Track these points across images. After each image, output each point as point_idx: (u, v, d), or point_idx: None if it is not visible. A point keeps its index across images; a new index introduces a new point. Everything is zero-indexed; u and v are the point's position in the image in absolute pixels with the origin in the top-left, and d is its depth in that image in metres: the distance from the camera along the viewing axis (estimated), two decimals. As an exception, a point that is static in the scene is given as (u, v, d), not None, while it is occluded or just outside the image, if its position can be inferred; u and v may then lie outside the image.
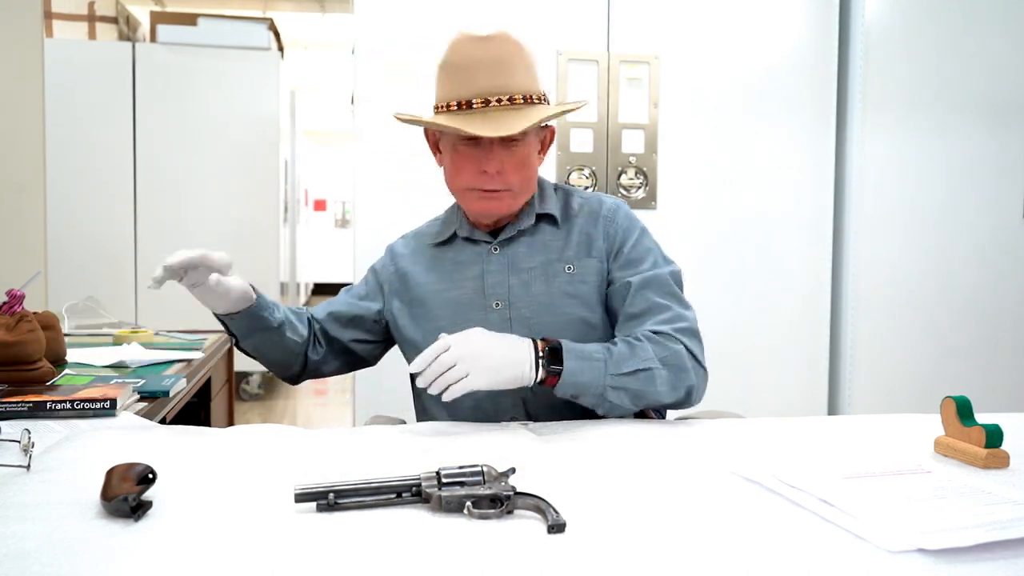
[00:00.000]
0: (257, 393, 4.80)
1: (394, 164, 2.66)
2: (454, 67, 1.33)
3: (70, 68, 4.19)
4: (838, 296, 2.96)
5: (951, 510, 0.84)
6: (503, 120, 1.29)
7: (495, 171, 1.33)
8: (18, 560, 0.72)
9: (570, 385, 1.24)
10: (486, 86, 1.30)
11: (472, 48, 1.32)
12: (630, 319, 1.36)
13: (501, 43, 1.32)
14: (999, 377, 2.99)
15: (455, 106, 1.32)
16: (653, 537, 0.80)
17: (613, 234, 1.42)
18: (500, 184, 1.35)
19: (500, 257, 1.42)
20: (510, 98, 1.31)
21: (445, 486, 0.87)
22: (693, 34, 2.80)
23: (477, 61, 1.31)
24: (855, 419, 1.41)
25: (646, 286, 1.37)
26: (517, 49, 1.33)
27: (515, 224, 1.43)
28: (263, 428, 1.22)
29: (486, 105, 1.30)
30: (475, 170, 1.35)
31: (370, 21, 2.64)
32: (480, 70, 1.31)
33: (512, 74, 1.32)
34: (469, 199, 1.39)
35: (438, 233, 1.50)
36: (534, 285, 1.40)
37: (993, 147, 2.95)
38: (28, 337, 1.54)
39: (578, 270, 1.40)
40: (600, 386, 1.24)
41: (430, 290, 1.45)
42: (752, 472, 0.99)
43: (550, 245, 1.42)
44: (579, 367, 1.24)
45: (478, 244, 1.45)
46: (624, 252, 1.41)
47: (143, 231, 4.39)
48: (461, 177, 1.37)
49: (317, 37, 7.62)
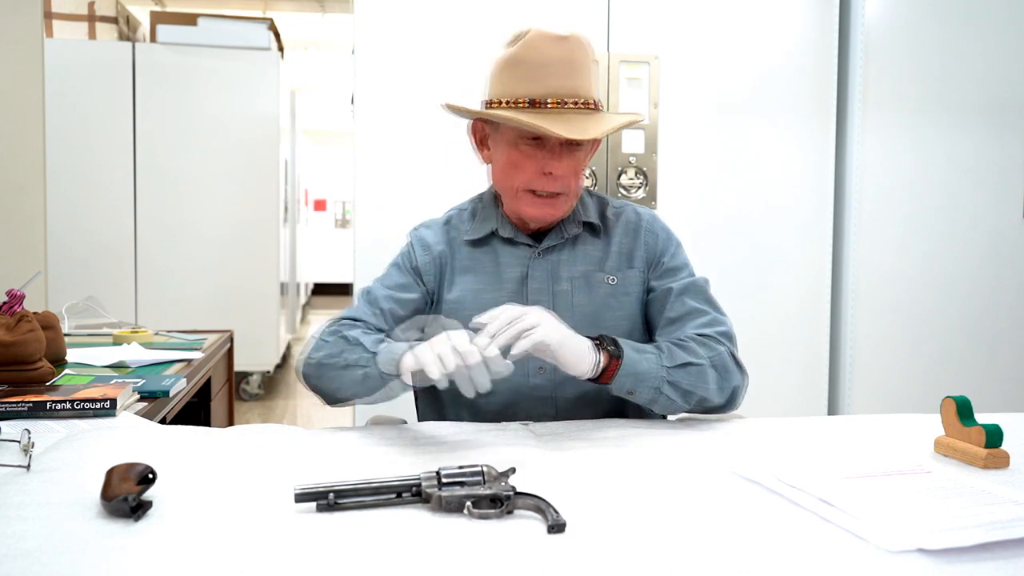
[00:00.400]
0: (257, 393, 4.80)
1: (394, 164, 2.66)
2: (528, 63, 1.28)
3: (70, 68, 4.20)
4: (838, 296, 2.96)
5: (951, 510, 0.84)
6: (581, 123, 1.26)
7: (561, 173, 1.30)
8: (18, 560, 0.72)
9: (630, 375, 1.21)
10: (560, 87, 1.27)
11: (549, 46, 1.28)
12: (670, 323, 1.36)
13: (576, 45, 1.30)
14: (999, 377, 2.99)
15: (525, 103, 1.28)
16: (653, 537, 0.80)
17: (653, 245, 1.42)
18: (560, 187, 1.32)
19: (543, 263, 1.39)
20: (584, 102, 1.29)
21: (445, 486, 0.87)
22: (693, 34, 2.80)
23: (554, 60, 1.27)
24: (855, 419, 1.41)
25: (685, 292, 1.37)
26: (589, 53, 1.32)
27: (560, 231, 1.40)
28: (263, 428, 1.22)
29: (561, 106, 1.27)
30: (536, 170, 1.31)
31: (370, 21, 2.64)
32: (556, 69, 1.27)
33: (584, 77, 1.30)
34: (523, 201, 1.35)
35: (473, 229, 1.43)
36: (576, 295, 1.38)
37: (993, 147, 2.95)
38: (28, 337, 1.54)
39: (620, 281, 1.40)
40: (657, 378, 1.23)
41: (468, 289, 1.40)
42: (752, 472, 0.99)
43: (591, 255, 1.41)
44: (638, 357, 1.22)
45: (518, 247, 1.41)
46: (664, 263, 1.41)
47: (143, 231, 4.39)
48: (519, 176, 1.33)
49: (317, 37, 7.62)
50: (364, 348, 1.23)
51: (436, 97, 2.65)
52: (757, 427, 1.30)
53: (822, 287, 2.93)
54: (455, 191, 1.79)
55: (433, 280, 1.42)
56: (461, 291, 1.40)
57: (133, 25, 5.24)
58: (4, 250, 2.35)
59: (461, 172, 2.62)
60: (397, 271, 1.43)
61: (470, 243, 1.42)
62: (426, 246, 1.44)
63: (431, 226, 1.48)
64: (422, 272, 1.42)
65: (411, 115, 2.66)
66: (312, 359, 1.30)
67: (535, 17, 2.68)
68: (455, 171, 2.60)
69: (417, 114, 2.65)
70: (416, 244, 1.45)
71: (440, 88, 2.64)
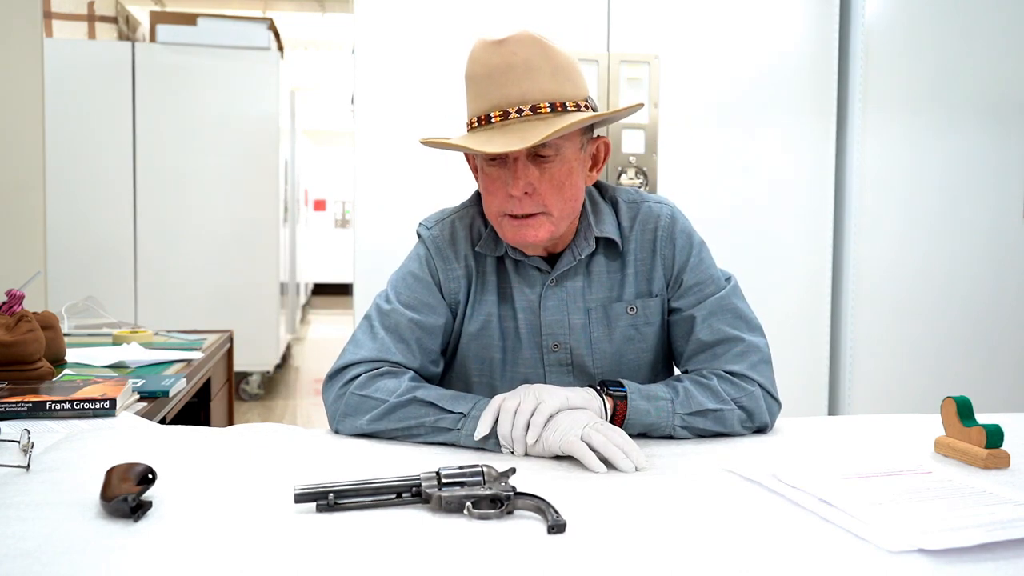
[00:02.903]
0: (257, 393, 4.80)
1: (394, 164, 2.66)
2: (473, 78, 1.17)
3: (70, 68, 4.20)
4: (838, 296, 2.96)
5: (951, 510, 0.84)
6: (523, 132, 1.12)
7: (520, 192, 1.16)
8: (18, 560, 0.72)
9: (638, 425, 1.16)
10: (503, 96, 1.14)
11: (488, 55, 1.15)
12: (699, 351, 1.27)
13: (518, 45, 1.14)
14: (999, 377, 2.99)
15: (475, 122, 1.17)
16: (653, 537, 0.80)
17: (670, 259, 1.29)
18: (532, 207, 1.17)
19: (557, 291, 1.27)
20: (532, 107, 1.14)
21: (445, 486, 0.87)
22: (693, 34, 2.80)
23: (493, 69, 1.14)
24: (855, 419, 1.41)
25: (711, 315, 1.26)
26: (540, 50, 1.14)
27: (573, 252, 1.27)
28: (263, 428, 1.22)
29: (505, 118, 1.14)
30: (503, 195, 1.18)
31: (370, 21, 2.64)
32: (497, 78, 1.14)
33: (534, 79, 1.14)
34: (503, 227, 1.21)
35: (486, 244, 1.29)
36: (595, 329, 1.28)
37: (993, 147, 2.95)
38: (28, 337, 1.54)
39: (641, 311, 1.28)
40: (668, 426, 1.17)
41: (491, 315, 1.28)
42: (752, 472, 0.99)
43: (608, 279, 1.29)
44: (646, 406, 1.16)
45: (530, 270, 1.28)
46: (683, 280, 1.28)
47: (143, 231, 4.39)
48: (492, 202, 1.21)
49: (317, 37, 7.62)
50: (442, 410, 1.14)
51: (436, 97, 2.66)
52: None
53: (822, 287, 2.93)
54: (455, 191, 1.79)
55: (460, 299, 1.29)
56: (482, 321, 1.29)
57: (133, 25, 5.24)
58: (4, 250, 2.35)
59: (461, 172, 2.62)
60: (421, 285, 1.28)
61: (486, 257, 1.30)
62: (448, 258, 1.29)
63: (452, 227, 1.31)
64: (447, 291, 1.28)
65: (411, 115, 2.66)
66: (359, 423, 1.18)
67: (535, 17, 2.69)
68: (455, 171, 2.59)
69: (417, 114, 2.65)
70: (436, 255, 1.29)
71: (440, 88, 2.64)
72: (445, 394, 1.16)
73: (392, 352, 1.23)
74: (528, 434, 1.07)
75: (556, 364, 1.28)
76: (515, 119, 1.14)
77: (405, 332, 1.24)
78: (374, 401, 1.17)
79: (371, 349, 1.23)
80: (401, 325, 1.25)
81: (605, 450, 1.03)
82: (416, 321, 1.25)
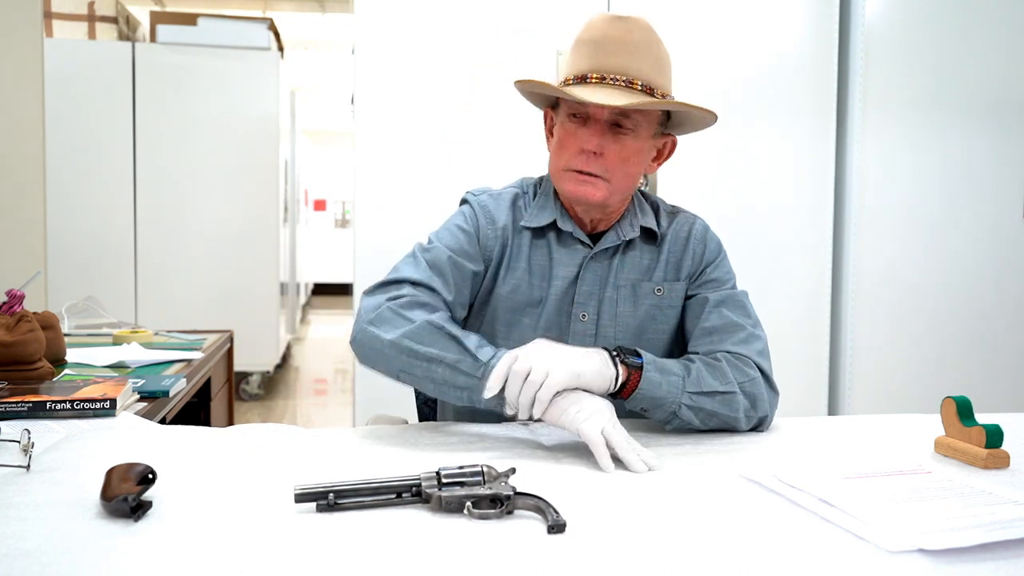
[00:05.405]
0: (257, 393, 4.80)
1: (394, 164, 2.66)
2: (583, 42, 1.27)
3: (70, 68, 4.20)
4: (838, 296, 2.96)
5: (951, 510, 0.84)
6: (611, 96, 1.21)
7: (593, 148, 1.25)
8: (18, 560, 0.72)
9: (647, 398, 1.18)
10: (607, 63, 1.24)
11: (607, 25, 1.26)
12: (705, 334, 1.32)
13: (636, 26, 1.26)
14: (999, 377, 2.99)
15: (571, 80, 1.27)
16: (653, 537, 0.80)
17: (700, 254, 1.38)
18: (597, 168, 1.26)
19: (596, 266, 1.35)
20: (629, 81, 1.23)
21: (445, 486, 0.87)
22: (693, 33, 2.80)
23: (606, 38, 1.25)
24: (855, 419, 1.41)
25: (722, 303, 1.33)
26: (650, 38, 1.27)
27: (617, 232, 1.35)
28: (263, 428, 1.22)
29: (601, 80, 1.24)
30: (576, 148, 1.27)
31: (370, 21, 2.64)
32: (607, 46, 1.24)
33: (639, 59, 1.24)
34: (564, 180, 1.30)
35: (533, 216, 1.36)
36: (622, 303, 1.35)
37: (993, 147, 2.95)
38: (28, 337, 1.54)
39: (666, 293, 1.36)
40: (675, 402, 1.19)
41: (522, 281, 1.34)
42: (752, 472, 0.99)
43: (641, 262, 1.37)
44: (659, 379, 1.18)
45: (573, 245, 1.35)
46: (707, 272, 1.38)
47: (143, 231, 4.40)
48: (561, 155, 1.29)
49: (317, 37, 7.62)
50: (464, 349, 1.15)
51: (436, 97, 2.66)
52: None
53: (822, 287, 2.93)
54: (455, 191, 1.79)
55: (493, 258, 1.35)
56: (514, 284, 1.34)
57: (133, 25, 5.24)
58: (4, 250, 2.35)
59: (461, 172, 2.63)
60: (463, 234, 1.34)
61: (529, 230, 1.36)
62: (491, 218, 1.35)
63: (497, 198, 1.38)
64: (484, 246, 1.34)
65: (411, 115, 2.66)
66: (383, 336, 1.18)
67: (534, 17, 2.69)
68: (455, 171, 2.60)
69: (417, 114, 2.65)
70: (480, 212, 1.36)
71: (440, 88, 2.64)
72: (471, 335, 1.18)
73: (434, 280, 1.27)
74: (534, 408, 1.09)
75: (581, 334, 1.34)
76: (609, 83, 1.23)
77: (444, 267, 1.29)
78: (405, 321, 1.18)
79: (409, 271, 1.28)
80: (441, 260, 1.30)
81: (620, 449, 1.04)
82: (455, 261, 1.30)
